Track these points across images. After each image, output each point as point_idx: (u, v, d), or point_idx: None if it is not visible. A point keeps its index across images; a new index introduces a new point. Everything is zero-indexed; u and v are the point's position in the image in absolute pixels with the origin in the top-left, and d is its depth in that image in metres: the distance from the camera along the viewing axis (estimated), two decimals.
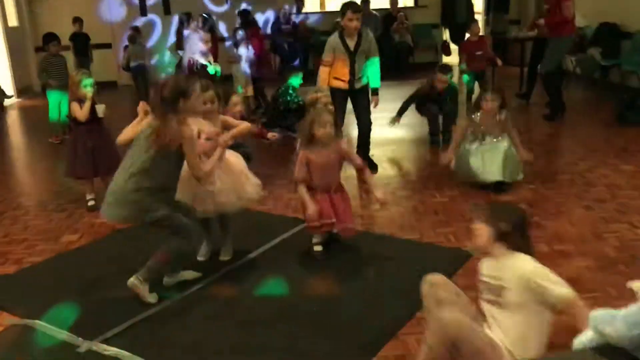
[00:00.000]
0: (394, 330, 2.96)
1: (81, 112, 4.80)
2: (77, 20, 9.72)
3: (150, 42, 11.76)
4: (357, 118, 5.57)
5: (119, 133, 3.46)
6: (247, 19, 9.61)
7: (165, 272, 3.45)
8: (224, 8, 11.68)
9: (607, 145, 6.06)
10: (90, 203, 4.92)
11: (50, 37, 7.42)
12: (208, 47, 7.81)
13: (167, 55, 11.19)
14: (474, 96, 7.18)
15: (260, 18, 11.61)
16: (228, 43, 9.02)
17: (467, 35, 8.19)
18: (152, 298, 3.31)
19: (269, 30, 11.39)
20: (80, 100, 4.81)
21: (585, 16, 9.23)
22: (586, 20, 9.31)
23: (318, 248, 3.85)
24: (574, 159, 5.67)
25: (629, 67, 8.05)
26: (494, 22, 10.78)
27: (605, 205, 4.47)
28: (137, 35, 10.03)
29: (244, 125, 3.89)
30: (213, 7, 11.60)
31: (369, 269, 3.64)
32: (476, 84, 7.94)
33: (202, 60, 7.74)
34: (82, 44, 9.74)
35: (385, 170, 5.68)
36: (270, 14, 11.72)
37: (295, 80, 7.19)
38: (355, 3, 5.35)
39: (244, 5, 11.15)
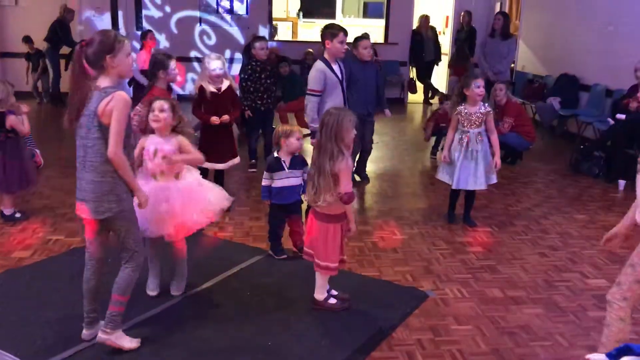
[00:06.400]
0: None
1: (25, 127, 4.86)
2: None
3: None
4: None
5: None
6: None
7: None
8: None
9: (561, 193, 6.24)
10: (18, 215, 4.90)
11: None
12: None
13: None
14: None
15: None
16: None
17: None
18: (130, 342, 3.03)
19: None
20: (13, 113, 4.76)
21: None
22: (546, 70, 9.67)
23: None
24: (529, 204, 5.82)
25: (586, 119, 8.34)
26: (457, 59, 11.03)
27: (558, 253, 4.59)
28: None
29: (198, 156, 3.61)
30: None
31: None
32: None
33: None
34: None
35: None
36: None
37: None
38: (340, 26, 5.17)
39: None
